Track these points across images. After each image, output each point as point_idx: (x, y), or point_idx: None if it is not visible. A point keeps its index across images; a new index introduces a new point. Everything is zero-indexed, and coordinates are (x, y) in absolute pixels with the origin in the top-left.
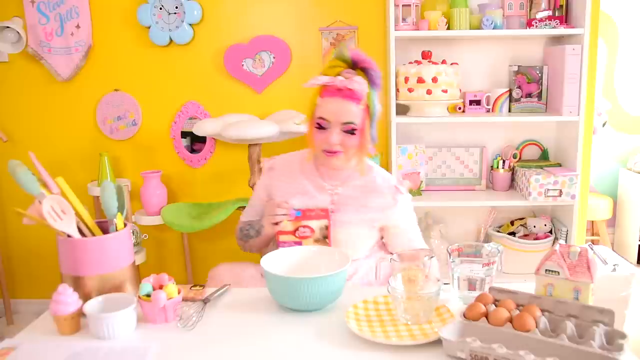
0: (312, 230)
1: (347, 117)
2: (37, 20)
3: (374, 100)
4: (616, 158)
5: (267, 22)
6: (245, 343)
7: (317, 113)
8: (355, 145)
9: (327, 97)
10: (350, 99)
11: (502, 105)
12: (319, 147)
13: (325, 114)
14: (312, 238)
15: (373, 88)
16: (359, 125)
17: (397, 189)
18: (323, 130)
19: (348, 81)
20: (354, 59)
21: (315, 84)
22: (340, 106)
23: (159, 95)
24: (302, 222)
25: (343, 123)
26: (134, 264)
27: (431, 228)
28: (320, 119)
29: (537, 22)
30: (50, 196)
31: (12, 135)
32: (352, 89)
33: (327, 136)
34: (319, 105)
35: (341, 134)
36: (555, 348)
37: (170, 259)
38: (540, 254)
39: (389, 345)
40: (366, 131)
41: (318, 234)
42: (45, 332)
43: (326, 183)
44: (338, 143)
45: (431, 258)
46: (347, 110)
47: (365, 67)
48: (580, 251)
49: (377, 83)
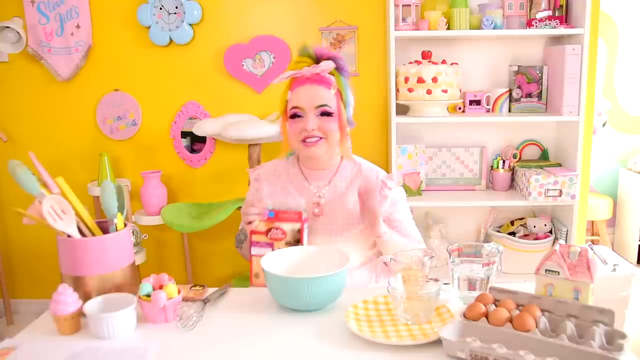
0: (284, 232)
1: (320, 100)
2: (37, 20)
3: (345, 85)
4: (616, 158)
5: (267, 22)
6: (245, 343)
7: (290, 104)
8: (334, 130)
9: (297, 88)
10: (320, 84)
11: (502, 105)
12: (297, 139)
13: (298, 102)
14: (283, 241)
15: (341, 74)
16: (334, 109)
17: (384, 183)
18: (299, 119)
19: (313, 67)
20: (317, 53)
21: (284, 77)
22: (312, 91)
23: (159, 95)
24: (275, 223)
25: (317, 107)
26: (134, 264)
27: (431, 228)
28: (294, 109)
29: (537, 22)
30: (50, 196)
31: (12, 135)
32: (318, 73)
33: (304, 123)
34: (290, 99)
35: (318, 118)
36: (555, 348)
37: (170, 259)
38: (540, 254)
39: (389, 345)
40: (342, 114)
41: (290, 236)
42: (45, 332)
43: (311, 184)
44: (316, 128)
45: (431, 258)
46: (318, 94)
47: (330, 57)
48: (580, 251)
49: (345, 69)
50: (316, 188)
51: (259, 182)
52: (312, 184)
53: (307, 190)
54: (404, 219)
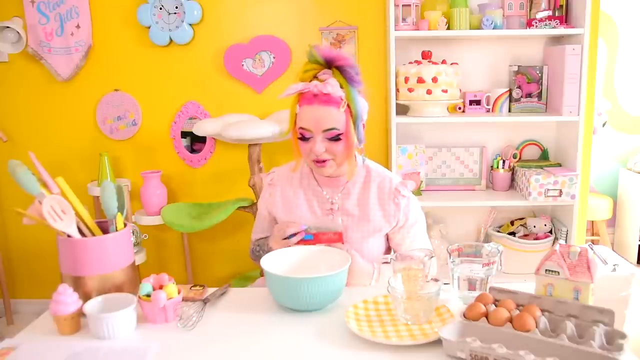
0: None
1: (328, 124)
2: (37, 20)
3: (355, 98)
4: (616, 158)
5: (267, 22)
6: (245, 343)
7: (298, 123)
8: (341, 151)
9: (304, 106)
10: (328, 104)
11: (502, 105)
12: (306, 158)
13: (305, 123)
14: None
15: (352, 85)
16: (342, 129)
17: (397, 191)
18: (307, 141)
19: (322, 85)
20: (326, 59)
21: (290, 93)
22: (319, 113)
23: (159, 95)
24: (316, 245)
25: (325, 130)
26: (134, 264)
27: (431, 228)
28: (301, 129)
29: (537, 22)
30: (50, 196)
31: (12, 135)
32: (328, 94)
33: (312, 146)
34: (298, 114)
35: (325, 142)
36: (555, 348)
37: (170, 259)
38: (540, 254)
39: (389, 345)
40: (350, 133)
41: None
42: (45, 332)
43: (324, 190)
44: (324, 151)
45: (431, 258)
46: (326, 117)
47: (341, 65)
48: (580, 251)
49: (356, 80)
50: (329, 194)
51: (273, 187)
52: (324, 190)
53: (320, 196)
54: (416, 231)
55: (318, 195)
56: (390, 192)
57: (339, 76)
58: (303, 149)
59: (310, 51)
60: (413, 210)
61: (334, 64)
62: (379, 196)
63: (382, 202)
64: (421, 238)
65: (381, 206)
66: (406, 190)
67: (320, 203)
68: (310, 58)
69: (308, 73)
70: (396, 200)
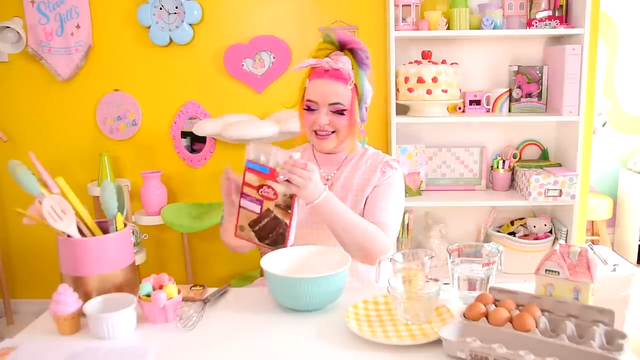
0: (275, 193)
1: (334, 98)
2: (37, 20)
3: (362, 80)
4: (616, 158)
5: (267, 22)
6: (245, 343)
7: (306, 95)
8: (345, 126)
9: (314, 79)
10: (337, 79)
11: (502, 105)
12: (309, 128)
13: (312, 95)
14: (273, 202)
15: (361, 68)
16: (347, 106)
17: (387, 163)
18: (312, 112)
19: (333, 61)
20: (340, 41)
21: (302, 66)
22: (328, 87)
23: (159, 95)
24: (268, 181)
25: (330, 104)
26: (134, 264)
27: (431, 228)
28: (308, 101)
29: (537, 22)
30: (50, 196)
31: (12, 135)
32: (338, 69)
33: (316, 117)
34: (307, 87)
35: (329, 114)
36: (555, 348)
37: (170, 259)
38: (540, 254)
39: (389, 345)
40: (355, 111)
41: (281, 199)
42: (45, 332)
43: (322, 168)
44: (327, 123)
45: (431, 258)
46: (334, 91)
47: (353, 48)
48: (580, 251)
49: (366, 63)
50: (325, 172)
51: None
52: (322, 168)
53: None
54: (386, 201)
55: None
56: (379, 163)
57: (350, 58)
58: (307, 119)
59: (328, 32)
60: (396, 179)
61: (347, 46)
62: (369, 168)
63: (369, 171)
64: (391, 208)
65: (368, 175)
66: (396, 163)
67: None
68: (325, 38)
69: (321, 52)
70: (383, 169)
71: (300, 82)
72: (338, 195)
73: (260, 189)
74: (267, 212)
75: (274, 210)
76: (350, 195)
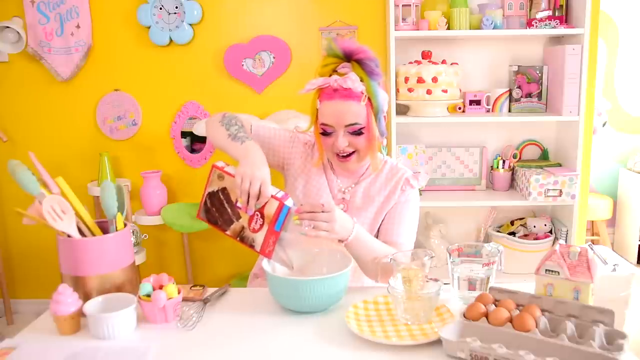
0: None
1: (350, 119)
2: (37, 20)
3: (375, 91)
4: (616, 158)
5: (267, 22)
6: (245, 343)
7: (319, 119)
8: (365, 145)
9: (325, 101)
10: (349, 98)
11: (502, 105)
12: (328, 152)
13: (327, 119)
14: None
15: (372, 79)
16: (364, 123)
17: (408, 182)
18: (329, 136)
19: (342, 80)
20: (345, 52)
21: (310, 89)
22: (340, 108)
23: (159, 95)
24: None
25: (347, 125)
26: (134, 264)
27: (431, 228)
28: (323, 125)
29: (537, 22)
30: (50, 196)
31: (12, 135)
32: (348, 88)
33: (334, 141)
34: (319, 110)
35: (347, 136)
36: (555, 348)
37: (170, 259)
38: (540, 254)
39: (389, 345)
40: (372, 127)
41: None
42: (45, 332)
43: (339, 178)
44: (347, 145)
45: (431, 258)
46: (348, 111)
47: (360, 58)
48: (580, 251)
49: (376, 72)
50: (343, 183)
51: (294, 142)
52: (339, 178)
53: (333, 182)
54: (403, 220)
55: (332, 181)
56: (400, 180)
57: (359, 69)
58: (325, 143)
59: (329, 45)
60: (414, 198)
61: (353, 57)
62: (390, 183)
63: (391, 187)
64: (407, 228)
65: (389, 191)
66: (416, 182)
67: (333, 190)
68: (329, 52)
69: (327, 67)
70: (403, 188)
71: (310, 102)
72: (360, 206)
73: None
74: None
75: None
76: (371, 207)
